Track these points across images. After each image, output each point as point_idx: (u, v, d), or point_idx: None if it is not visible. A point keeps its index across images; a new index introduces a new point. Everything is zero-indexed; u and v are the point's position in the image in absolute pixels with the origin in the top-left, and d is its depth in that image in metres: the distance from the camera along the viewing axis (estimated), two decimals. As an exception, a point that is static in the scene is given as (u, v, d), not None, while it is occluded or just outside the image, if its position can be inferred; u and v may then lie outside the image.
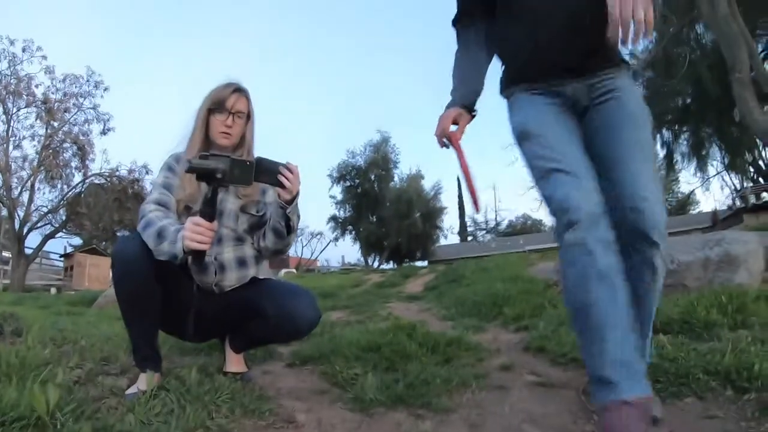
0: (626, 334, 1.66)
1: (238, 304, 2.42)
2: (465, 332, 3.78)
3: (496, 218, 55.46)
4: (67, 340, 3.41)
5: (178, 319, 2.36)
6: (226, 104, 2.41)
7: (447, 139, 2.15)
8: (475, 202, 2.14)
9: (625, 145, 1.96)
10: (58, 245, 43.50)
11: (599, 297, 1.69)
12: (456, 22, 2.36)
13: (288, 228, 2.32)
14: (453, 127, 2.17)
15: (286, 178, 2.13)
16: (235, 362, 2.61)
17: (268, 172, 2.12)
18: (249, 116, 2.52)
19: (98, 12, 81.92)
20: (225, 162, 1.92)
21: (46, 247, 28.32)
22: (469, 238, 54.14)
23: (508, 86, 2.20)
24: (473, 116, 2.21)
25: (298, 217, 2.34)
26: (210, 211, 1.97)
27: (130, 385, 2.25)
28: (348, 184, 39.53)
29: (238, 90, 2.46)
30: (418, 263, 34.39)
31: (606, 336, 1.65)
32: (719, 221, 27.65)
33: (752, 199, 25.76)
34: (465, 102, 2.19)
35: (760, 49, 16.61)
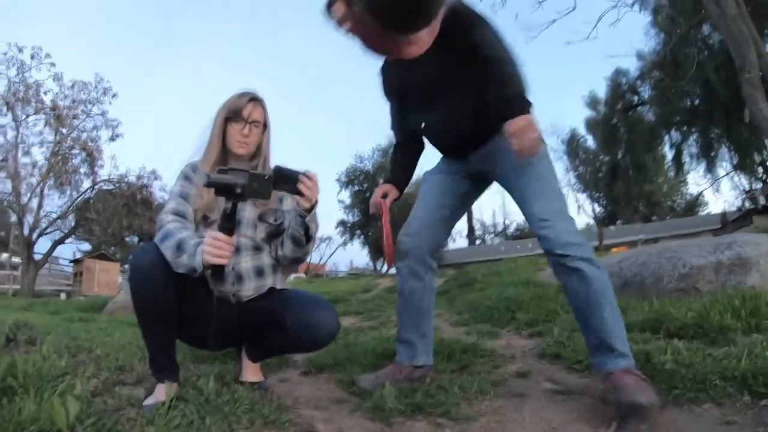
0: (412, 325, 2.71)
1: (256, 314, 2.42)
2: (480, 338, 3.77)
3: (504, 221, 55.36)
4: (82, 349, 3.43)
5: (195, 329, 2.36)
6: (243, 113, 2.42)
7: (378, 206, 2.82)
8: (389, 262, 2.81)
9: (522, 185, 2.42)
10: (68, 251, 43.68)
11: (401, 302, 2.76)
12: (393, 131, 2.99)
13: (307, 236, 2.33)
14: (384, 198, 2.83)
15: (306, 187, 2.14)
16: (251, 371, 2.61)
17: (288, 180, 2.13)
18: (265, 125, 2.53)
19: (106, 19, 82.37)
20: (243, 176, 1.92)
21: (55, 253, 28.34)
22: (478, 242, 54.08)
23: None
24: (402, 193, 2.90)
25: (317, 225, 2.35)
26: (229, 225, 1.97)
27: (148, 395, 2.24)
28: (356, 188, 39.69)
29: (255, 99, 2.47)
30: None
31: (402, 321, 2.76)
32: (729, 223, 27.53)
33: (762, 200, 25.65)
34: (396, 185, 2.87)
35: (768, 49, 16.53)
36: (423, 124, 2.70)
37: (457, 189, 2.76)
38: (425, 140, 2.88)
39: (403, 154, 2.95)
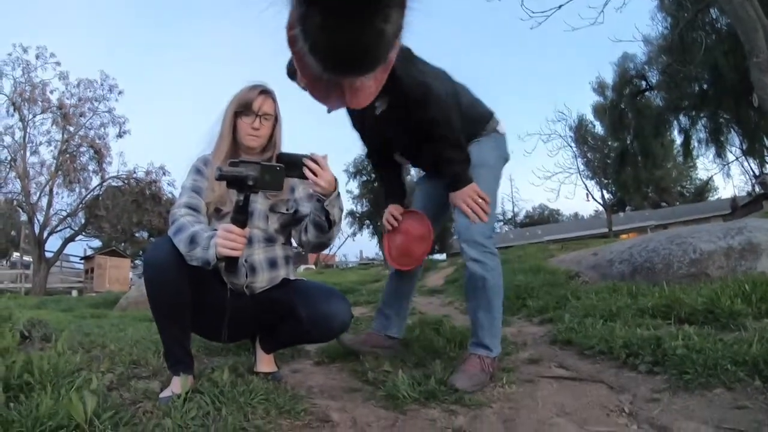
0: (393, 303, 3.19)
1: (269, 306, 2.43)
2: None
3: (513, 209, 55.24)
4: (96, 345, 3.44)
5: (209, 321, 2.38)
6: (253, 106, 2.41)
7: (389, 222, 3.10)
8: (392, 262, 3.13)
9: None
10: (78, 248, 43.95)
11: (390, 283, 3.25)
12: (369, 159, 3.34)
13: (329, 221, 2.31)
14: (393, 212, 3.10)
15: (311, 170, 2.14)
16: (265, 362, 2.63)
17: (292, 165, 2.12)
18: (276, 118, 2.52)
19: (109, 15, 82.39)
20: (255, 168, 1.93)
21: (66, 251, 28.43)
22: (488, 230, 53.77)
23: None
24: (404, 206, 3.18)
25: (341, 209, 2.34)
26: (242, 218, 1.98)
27: (163, 388, 2.27)
28: (364, 178, 39.53)
29: (265, 92, 2.46)
30: (437, 256, 34.26)
31: (387, 299, 3.24)
32: (739, 208, 27.41)
33: (772, 185, 25.52)
34: (399, 203, 3.14)
35: (777, 32, 16.38)
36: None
37: (442, 188, 2.96)
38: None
39: (387, 178, 3.26)
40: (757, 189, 28.91)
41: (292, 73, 2.70)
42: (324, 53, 0.48)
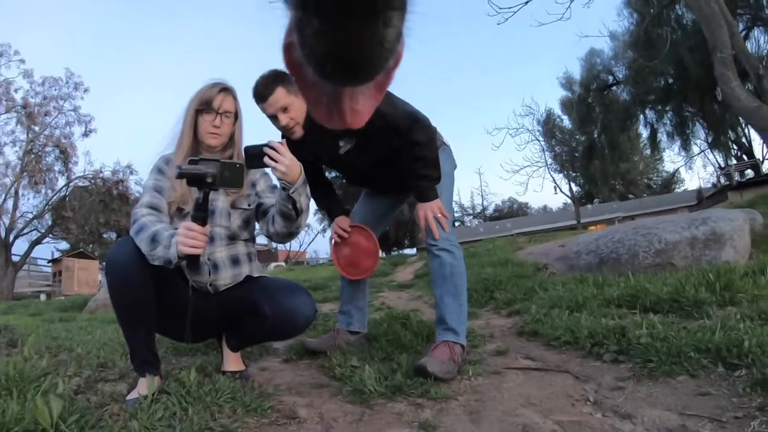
0: (350, 299, 3.34)
1: (233, 304, 2.42)
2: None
3: (482, 203, 55.48)
4: (63, 348, 3.41)
5: (173, 321, 2.35)
6: (213, 104, 2.40)
7: (339, 235, 3.26)
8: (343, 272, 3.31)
9: None
10: (46, 251, 43.15)
11: (343, 282, 3.38)
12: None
13: (296, 210, 2.29)
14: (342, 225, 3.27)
15: (271, 157, 2.13)
16: (232, 361, 2.61)
17: (256, 156, 2.13)
18: (237, 115, 2.51)
19: (76, 11, 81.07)
20: (215, 166, 1.93)
21: (33, 254, 27.92)
22: (456, 224, 53.93)
23: None
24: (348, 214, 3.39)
25: (308, 197, 2.33)
26: (202, 215, 1.98)
27: (130, 390, 2.25)
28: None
29: (225, 89, 2.45)
30: (407, 251, 34.36)
31: (344, 297, 3.39)
32: (704, 199, 27.86)
33: (736, 177, 25.98)
34: (344, 215, 3.34)
35: (741, 28, 16.70)
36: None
37: (383, 200, 3.44)
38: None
39: (325, 198, 3.42)
40: (722, 180, 29.40)
41: (258, 96, 2.71)
42: (322, 60, 0.47)
